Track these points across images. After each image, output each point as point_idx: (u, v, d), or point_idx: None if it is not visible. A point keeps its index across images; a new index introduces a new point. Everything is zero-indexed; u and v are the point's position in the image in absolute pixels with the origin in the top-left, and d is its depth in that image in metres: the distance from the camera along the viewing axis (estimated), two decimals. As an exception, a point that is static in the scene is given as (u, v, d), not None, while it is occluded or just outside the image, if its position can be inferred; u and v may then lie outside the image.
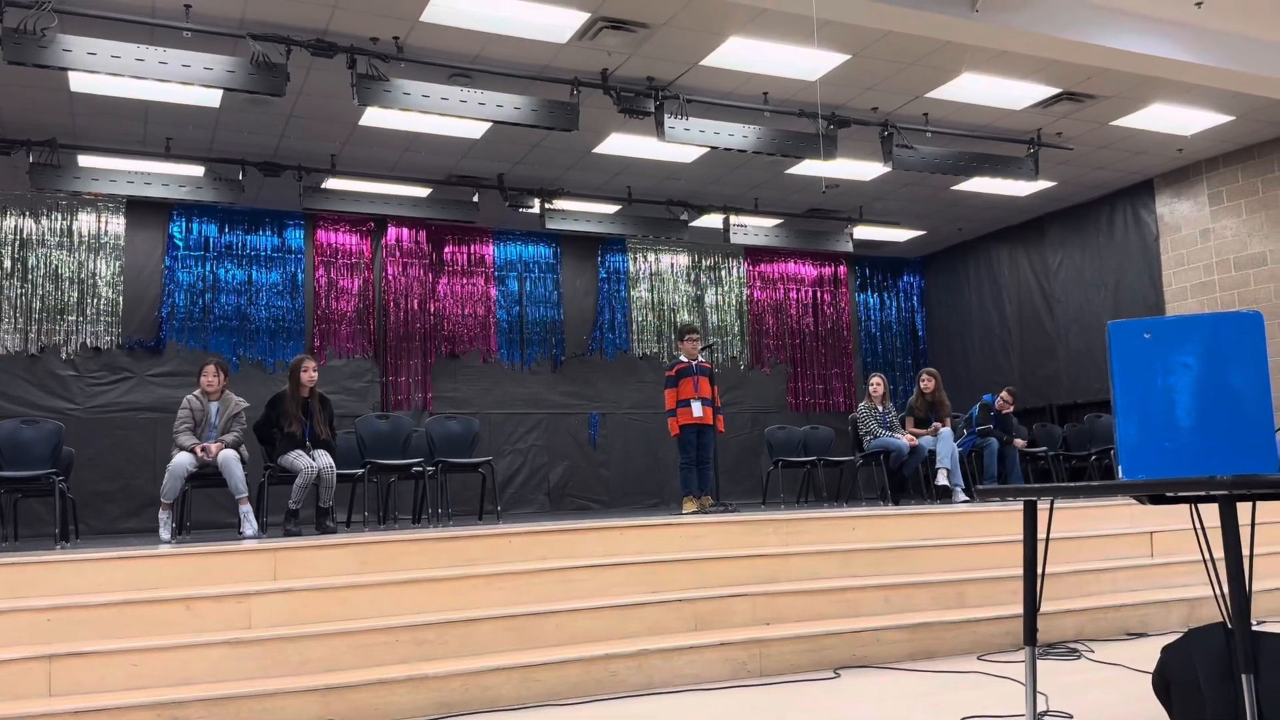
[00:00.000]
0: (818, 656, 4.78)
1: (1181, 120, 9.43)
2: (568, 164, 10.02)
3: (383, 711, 4.01)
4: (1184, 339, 2.31)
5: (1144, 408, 2.32)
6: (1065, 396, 12.03)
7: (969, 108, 9.00)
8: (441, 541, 5.23)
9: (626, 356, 12.50)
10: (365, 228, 11.41)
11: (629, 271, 12.69)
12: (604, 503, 11.85)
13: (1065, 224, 12.26)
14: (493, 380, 11.74)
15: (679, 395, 7.84)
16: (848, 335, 13.85)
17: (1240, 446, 2.24)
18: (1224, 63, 7.90)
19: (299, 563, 4.92)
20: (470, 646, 4.48)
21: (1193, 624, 2.76)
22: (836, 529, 6.02)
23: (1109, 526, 6.40)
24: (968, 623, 5.13)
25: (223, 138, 9.00)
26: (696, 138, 8.34)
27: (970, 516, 6.48)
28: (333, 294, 11.20)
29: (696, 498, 7.76)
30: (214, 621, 4.40)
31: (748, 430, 12.59)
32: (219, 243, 10.79)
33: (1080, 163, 10.52)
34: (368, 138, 9.10)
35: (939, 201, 11.69)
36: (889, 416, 9.16)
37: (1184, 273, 10.90)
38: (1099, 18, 7.48)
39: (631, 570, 5.20)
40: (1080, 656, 4.81)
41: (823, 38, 7.41)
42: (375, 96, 7.28)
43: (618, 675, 4.41)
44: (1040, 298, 12.55)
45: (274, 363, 10.68)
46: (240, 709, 3.86)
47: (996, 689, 4.16)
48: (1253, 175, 10.29)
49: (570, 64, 7.83)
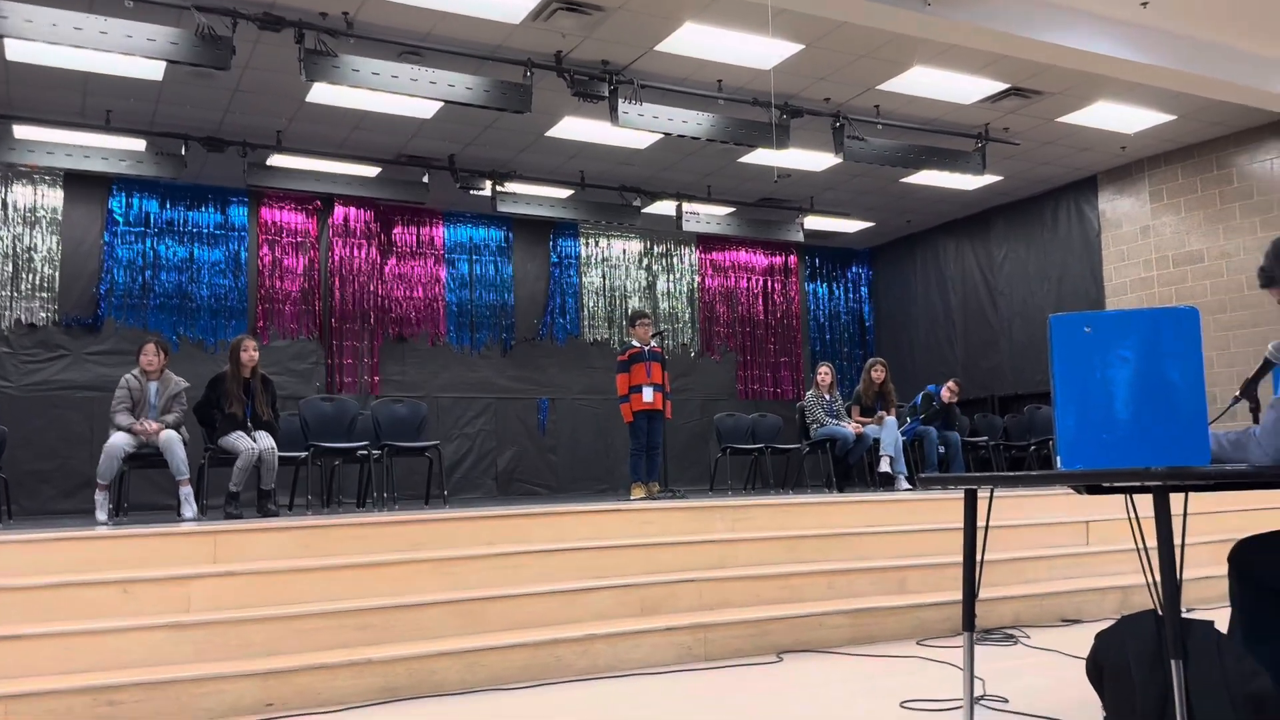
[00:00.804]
0: (762, 641, 4.82)
1: (1125, 118, 9.62)
2: (520, 146, 9.95)
3: (325, 696, 3.97)
4: (1123, 333, 2.36)
5: (1083, 400, 2.36)
6: (1007, 388, 12.25)
7: (919, 101, 9.09)
8: (387, 526, 5.19)
9: (577, 342, 12.47)
10: (311, 206, 11.23)
11: (581, 256, 12.65)
12: (552, 488, 11.83)
13: (1011, 218, 12.46)
14: (441, 364, 11.64)
15: (630, 380, 7.83)
16: (797, 324, 13.95)
17: (1174, 439, 2.29)
18: (1167, 62, 8.06)
19: (240, 546, 4.84)
20: (415, 631, 4.45)
21: (1126, 611, 2.84)
22: (783, 516, 6.07)
23: (1047, 515, 6.53)
24: (908, 608, 5.21)
25: (165, 111, 8.78)
26: (650, 123, 8.32)
27: (912, 504, 6.57)
28: (277, 273, 11.01)
29: (645, 484, 7.78)
30: (152, 605, 4.31)
31: (697, 417, 12.64)
32: (160, 219, 10.54)
33: (1026, 158, 10.69)
34: (315, 114, 8.95)
35: (888, 193, 11.81)
36: (836, 405, 9.25)
37: (1124, 268, 11.14)
38: (1047, 15, 7.58)
39: (579, 556, 5.19)
40: (1017, 642, 4.91)
41: (777, 26, 7.42)
42: (323, 72, 7.16)
43: (563, 660, 4.41)
44: (985, 290, 12.75)
45: (215, 342, 10.48)
46: (178, 693, 3.80)
47: (935, 673, 4.24)
48: (1192, 174, 10.53)
49: (524, 45, 7.76)
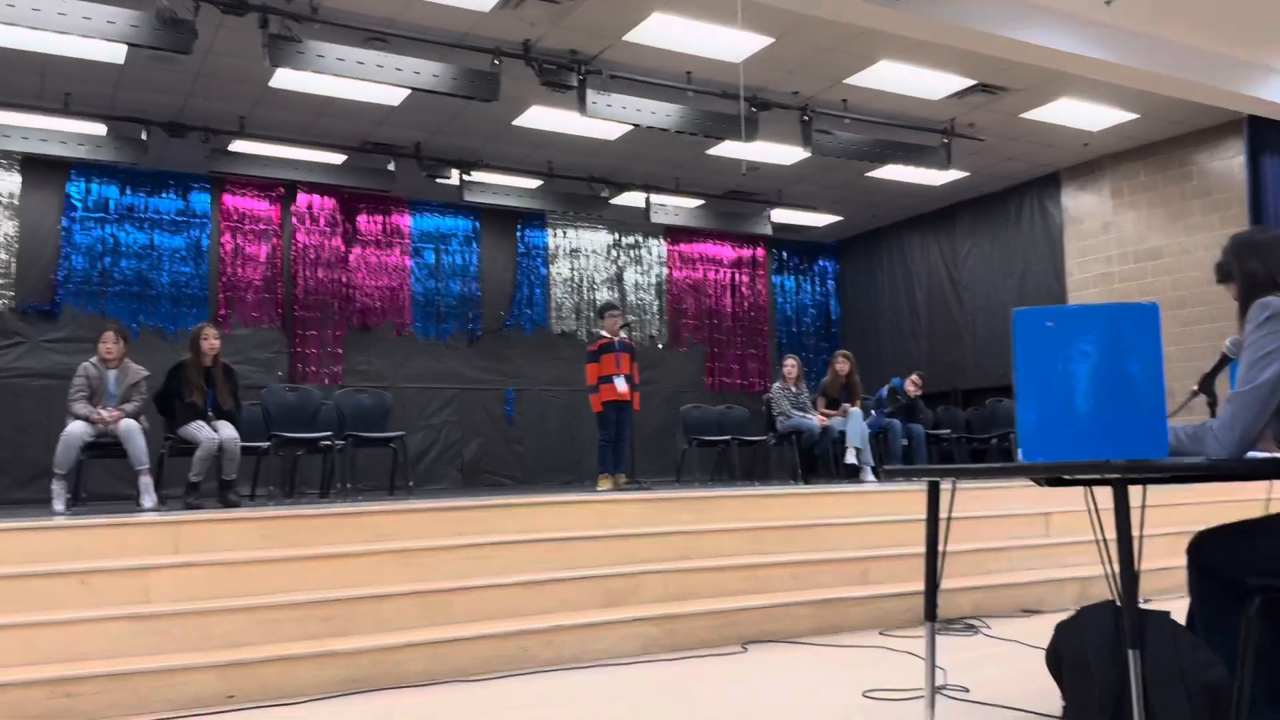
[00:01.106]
0: (727, 631, 4.85)
1: (1089, 116, 9.73)
2: (487, 135, 9.88)
3: (287, 688, 3.94)
4: (1084, 328, 2.38)
5: (1044, 393, 2.39)
6: (970, 381, 12.37)
7: (886, 96, 9.13)
8: (350, 516, 5.15)
9: (544, 332, 12.43)
10: (274, 193, 11.09)
11: (548, 247, 12.60)
12: (518, 479, 11.80)
13: (975, 213, 12.57)
14: (406, 354, 11.56)
15: (601, 370, 7.82)
16: (764, 317, 14.00)
17: (1134, 432, 2.32)
18: (1131, 61, 8.15)
19: (201, 536, 4.79)
20: (379, 623, 4.42)
21: (1085, 602, 2.88)
22: (748, 507, 6.10)
23: (1008, 507, 6.61)
24: (871, 599, 5.26)
25: (125, 95, 8.63)
26: (619, 114, 8.30)
27: (876, 496, 6.63)
28: (239, 261, 10.87)
29: (612, 475, 7.78)
30: (111, 596, 4.25)
31: (664, 409, 12.64)
32: (120, 204, 10.37)
33: (991, 154, 10.79)
34: (279, 100, 8.83)
35: (855, 187, 11.87)
36: (802, 397, 9.30)
37: (1086, 264, 11.28)
38: (1013, 11, 7.64)
39: (545, 547, 5.18)
40: (978, 632, 4.97)
41: (746, 19, 7.42)
42: (287, 58, 7.06)
43: (529, 651, 4.41)
44: (949, 285, 12.86)
45: (176, 331, 10.32)
46: (138, 685, 3.75)
47: (897, 663, 4.28)
48: (1153, 172, 10.68)
49: (492, 33, 7.70)
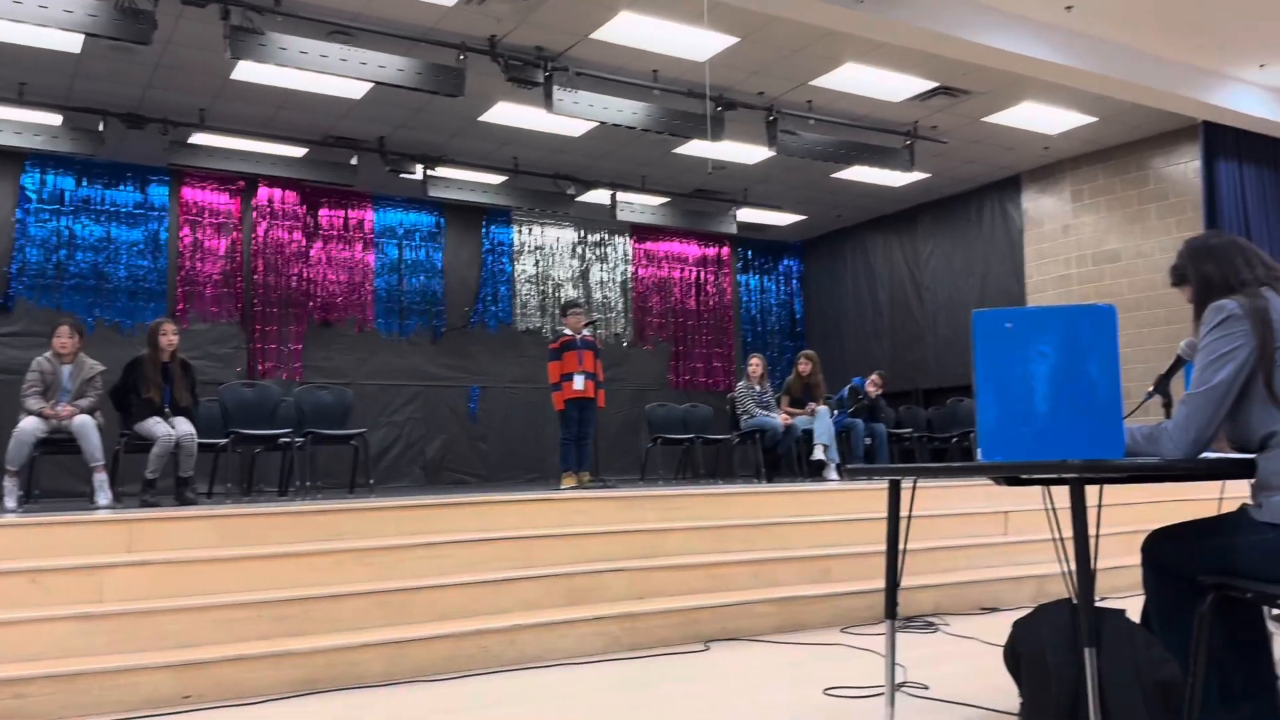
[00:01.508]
0: (689, 630, 4.85)
1: (1049, 119, 9.86)
2: (452, 130, 9.82)
3: (243, 687, 3.89)
4: (1043, 329, 2.41)
5: (1003, 394, 2.41)
6: (931, 381, 12.49)
7: (850, 97, 9.19)
8: (309, 515, 5.09)
9: (509, 330, 12.37)
10: (235, 186, 10.94)
11: (514, 244, 12.54)
12: (482, 477, 11.74)
13: (937, 215, 12.69)
14: (369, 350, 11.46)
15: (563, 368, 7.81)
16: (729, 315, 14.04)
17: (1091, 433, 2.35)
18: (1090, 66, 8.27)
19: (156, 535, 4.71)
20: (337, 623, 4.38)
21: (1042, 600, 2.91)
22: (712, 506, 6.11)
23: (967, 506, 6.67)
24: (832, 597, 5.29)
25: (83, 85, 8.47)
26: (585, 111, 8.28)
27: (837, 494, 6.67)
28: (198, 255, 10.71)
29: (575, 473, 7.76)
30: (63, 595, 4.17)
31: (629, 407, 12.64)
32: (75, 196, 10.18)
33: (953, 156, 10.89)
34: (240, 93, 8.71)
35: (820, 188, 11.94)
36: (766, 396, 9.34)
37: (1045, 266, 11.43)
38: (976, 15, 7.72)
39: (507, 546, 5.16)
40: (937, 630, 5.02)
41: (713, 19, 7.43)
42: (249, 50, 6.97)
43: (489, 650, 4.38)
44: (911, 285, 12.97)
45: (133, 325, 10.15)
46: (90, 686, 3.68)
47: (858, 661, 4.31)
48: (1112, 175, 10.84)
49: (457, 27, 7.65)
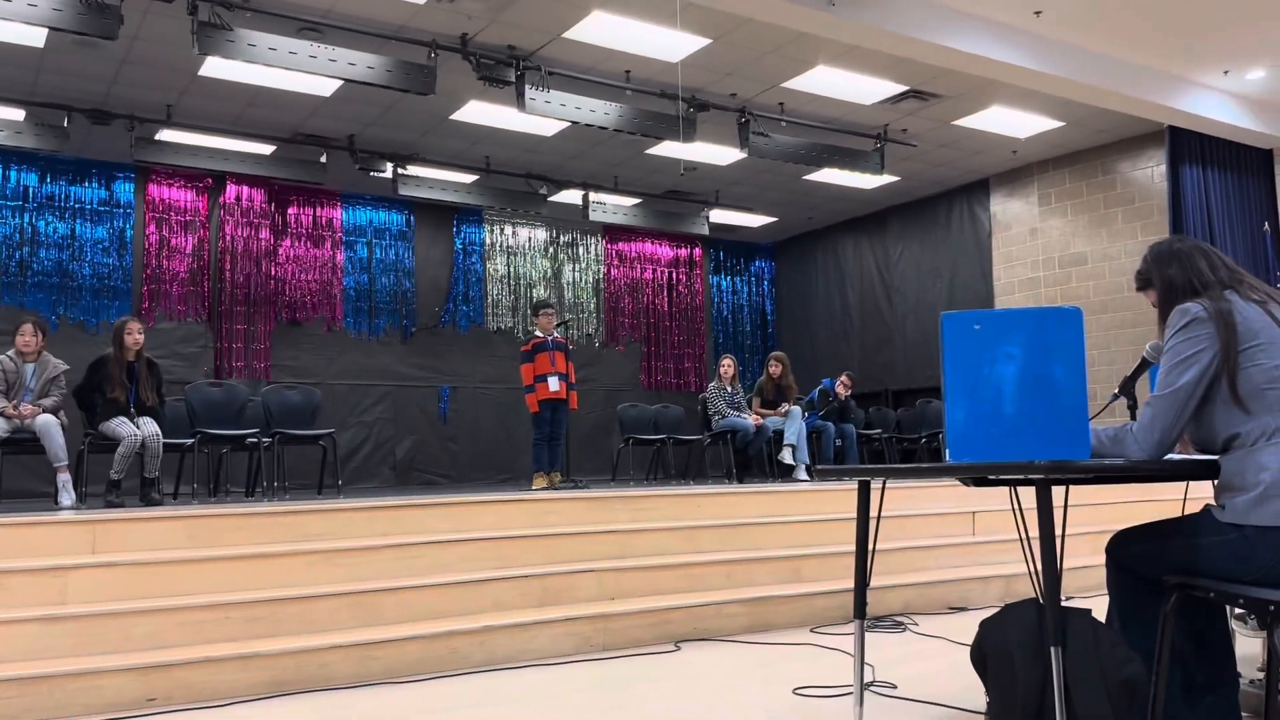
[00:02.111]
0: (660, 630, 4.85)
1: (1017, 123, 9.96)
2: (423, 129, 9.77)
3: (210, 690, 3.84)
4: (1010, 331, 2.43)
5: (971, 395, 2.43)
6: (900, 382, 12.58)
7: (822, 100, 9.24)
8: (277, 516, 5.04)
9: (480, 330, 12.33)
10: (202, 184, 10.82)
11: (485, 243, 12.50)
12: (452, 478, 11.69)
13: (906, 218, 12.78)
14: (337, 349, 11.37)
15: (535, 370, 7.80)
16: (701, 316, 14.07)
17: (1057, 434, 2.37)
18: (1058, 71, 8.36)
19: (121, 536, 4.65)
20: (306, 624, 4.34)
21: (1009, 599, 2.94)
22: (684, 506, 6.12)
23: (936, 506, 6.73)
24: (802, 596, 5.31)
25: (47, 80, 8.35)
26: (557, 111, 8.27)
27: (808, 495, 6.70)
28: (164, 252, 10.59)
29: (547, 474, 7.75)
30: (26, 597, 4.11)
31: (601, 407, 12.63)
32: (40, 193, 10.03)
33: (923, 159, 10.98)
34: (208, 89, 8.62)
35: (791, 190, 11.99)
36: (737, 397, 9.37)
37: (1013, 268, 11.55)
38: (946, 20, 7.79)
39: (478, 546, 5.14)
40: (906, 629, 5.06)
41: (685, 20, 7.45)
42: (217, 46, 6.90)
43: (460, 652, 4.36)
44: (881, 287, 13.06)
45: (98, 323, 10.03)
46: (55, 689, 3.63)
47: (827, 660, 4.33)
48: (1079, 179, 10.98)
49: (428, 25, 7.61)
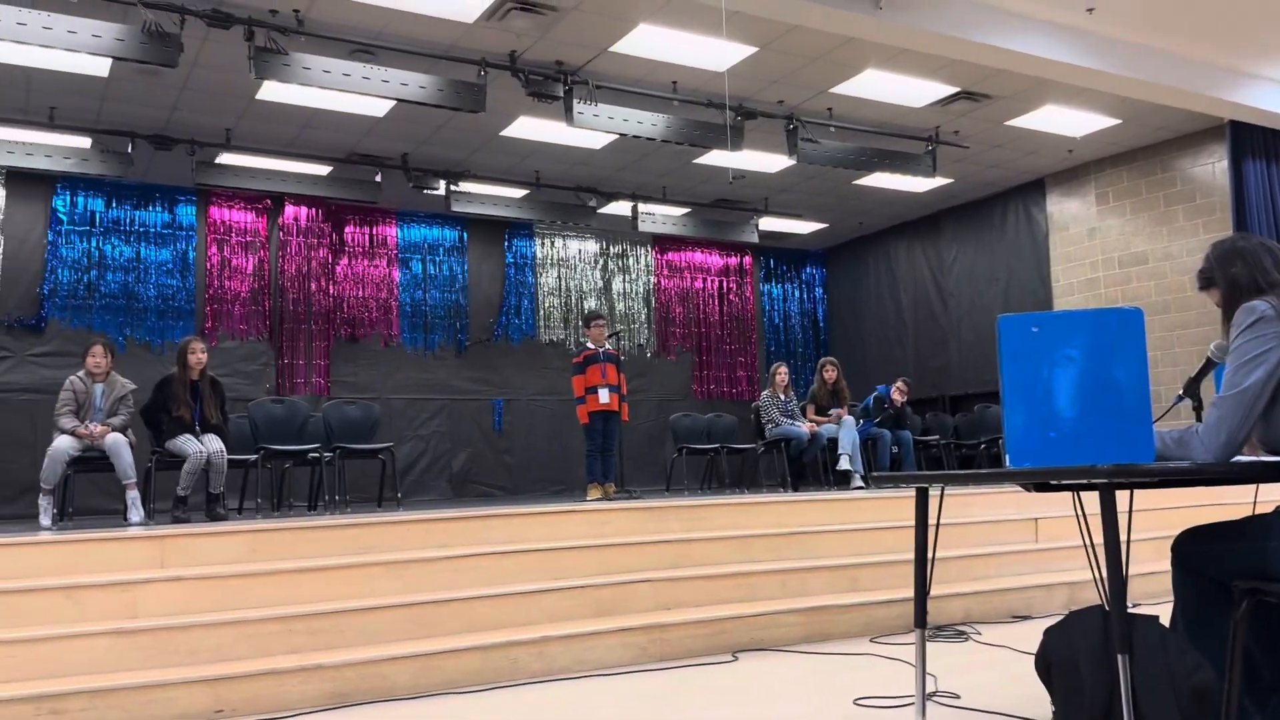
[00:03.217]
0: (716, 640, 4.83)
1: (1072, 122, 9.79)
2: (474, 146, 9.89)
3: (274, 701, 3.91)
4: (1069, 333, 2.40)
5: (1030, 399, 2.40)
6: (957, 387, 12.41)
7: (871, 104, 9.18)
8: (338, 529, 5.12)
9: (532, 342, 12.42)
10: (261, 205, 11.06)
11: (536, 256, 12.60)
12: (507, 490, 11.77)
13: (960, 220, 12.63)
14: (394, 365, 11.53)
15: (586, 382, 7.84)
16: (752, 324, 14.02)
17: (1120, 437, 2.33)
18: (1113, 68, 8.22)
19: (188, 550, 4.76)
20: (367, 636, 4.40)
21: (1074, 606, 2.89)
22: (738, 515, 6.10)
23: (996, 513, 6.62)
24: (861, 606, 5.26)
25: (111, 108, 8.60)
26: (605, 124, 8.31)
27: (865, 503, 6.63)
28: (226, 273, 10.84)
29: (601, 484, 7.77)
30: (97, 611, 4.22)
31: (653, 417, 12.64)
32: (105, 217, 10.33)
33: (976, 161, 10.85)
34: (265, 113, 8.82)
35: (841, 195, 11.91)
36: (791, 405, 9.31)
37: (1071, 269, 11.35)
38: (997, 20, 7.70)
39: (534, 557, 5.17)
40: (968, 638, 4.98)
41: (731, 29, 7.45)
42: (273, 70, 7.06)
43: (518, 663, 4.39)
44: (935, 291, 12.91)
45: (163, 343, 10.28)
46: (125, 701, 3.72)
47: (887, 670, 4.28)
48: (1137, 177, 10.75)
49: (478, 44, 7.71)
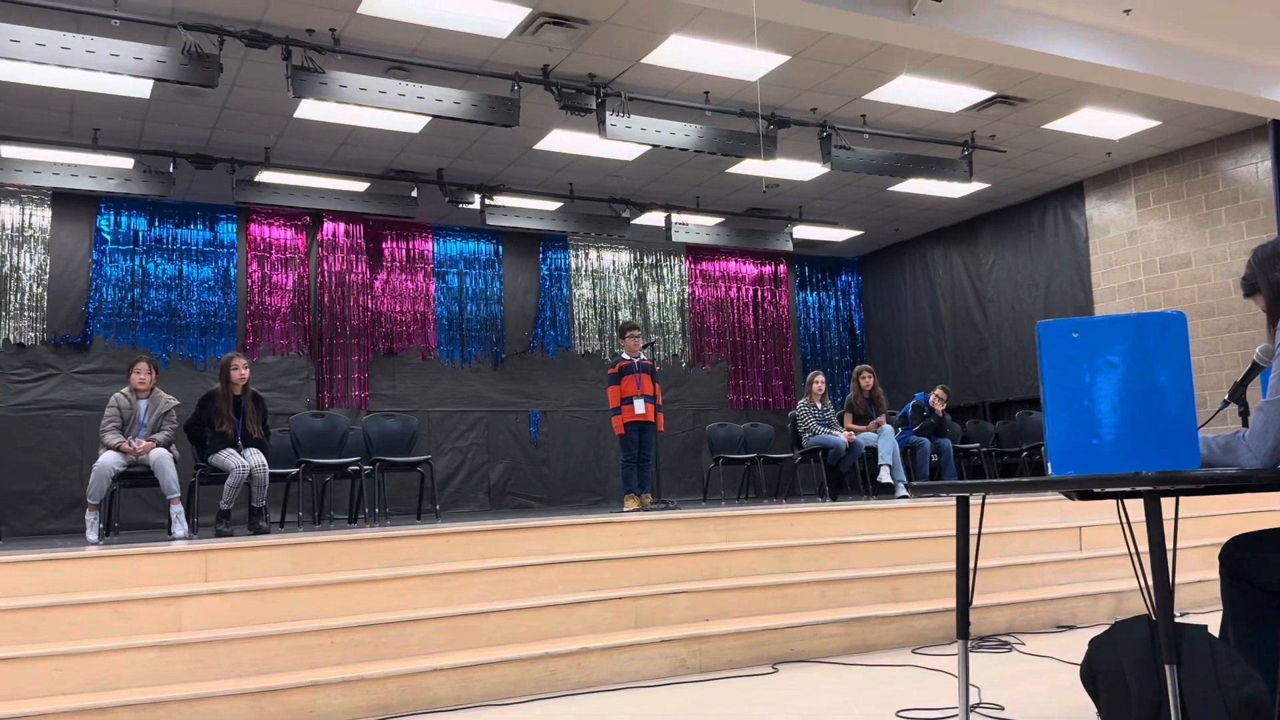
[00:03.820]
0: (756, 652, 4.81)
1: (1110, 124, 9.67)
2: (509, 160, 9.96)
3: (317, 714, 3.95)
4: (1111, 339, 2.36)
5: (1072, 405, 2.36)
6: (997, 394, 12.28)
7: (905, 110, 9.13)
8: (378, 541, 5.17)
9: (568, 354, 12.46)
10: (300, 222, 11.21)
11: (571, 268, 12.65)
12: (545, 501, 11.81)
13: (998, 225, 12.51)
14: (432, 378, 11.62)
15: (622, 393, 7.85)
16: (788, 333, 13.97)
17: (1164, 443, 2.29)
18: (1151, 69, 8.11)
19: (231, 564, 4.82)
20: (407, 647, 4.43)
21: (1120, 616, 2.84)
22: (776, 525, 6.07)
23: (1039, 521, 6.54)
24: (902, 617, 5.21)
25: (153, 129, 8.77)
26: (638, 135, 8.34)
27: (905, 512, 6.57)
28: (266, 289, 10.99)
29: (637, 495, 7.77)
30: (143, 624, 4.29)
31: (689, 428, 12.63)
32: (148, 236, 10.52)
33: (1013, 165, 10.74)
34: (303, 130, 8.94)
35: (876, 202, 11.85)
36: (828, 414, 9.26)
37: (1112, 273, 11.19)
38: (1032, 23, 7.63)
39: (572, 569, 5.18)
40: (1012, 649, 4.91)
41: (763, 38, 7.45)
42: (311, 89, 7.16)
43: (557, 674, 4.40)
44: (974, 297, 12.79)
45: (205, 359, 10.45)
46: (170, 713, 3.77)
47: (930, 682, 4.23)
48: (1178, 179, 10.59)
49: (511, 59, 7.77)
